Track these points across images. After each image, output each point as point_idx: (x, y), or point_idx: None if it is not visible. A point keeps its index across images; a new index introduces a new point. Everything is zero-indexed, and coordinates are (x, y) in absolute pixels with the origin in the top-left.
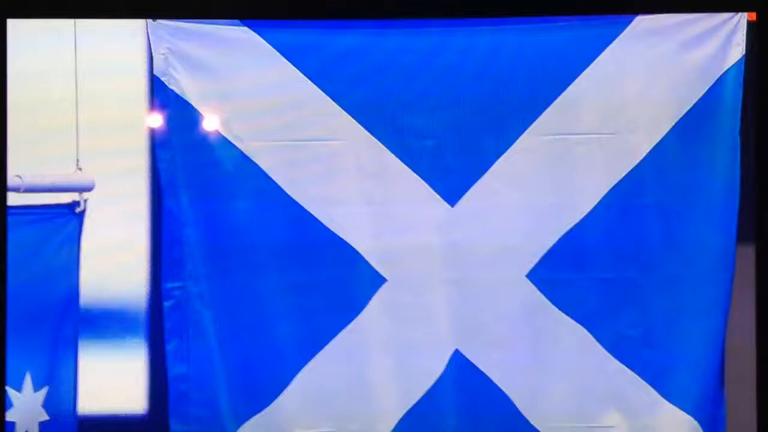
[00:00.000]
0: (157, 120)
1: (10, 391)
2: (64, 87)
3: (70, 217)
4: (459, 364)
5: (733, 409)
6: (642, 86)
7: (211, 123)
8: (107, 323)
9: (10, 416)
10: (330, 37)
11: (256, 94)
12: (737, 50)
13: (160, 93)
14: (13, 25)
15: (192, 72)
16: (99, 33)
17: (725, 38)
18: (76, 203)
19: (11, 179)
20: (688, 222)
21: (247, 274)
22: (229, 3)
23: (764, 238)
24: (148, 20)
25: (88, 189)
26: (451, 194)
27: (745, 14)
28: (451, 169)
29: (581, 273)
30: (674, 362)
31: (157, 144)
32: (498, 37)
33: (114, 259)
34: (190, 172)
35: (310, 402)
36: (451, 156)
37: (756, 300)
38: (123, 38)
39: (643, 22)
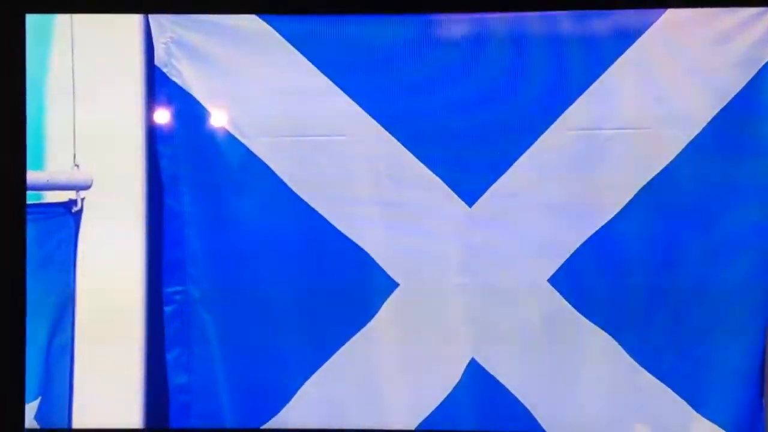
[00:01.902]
0: (158, 114)
1: None
2: (61, 80)
3: (67, 216)
4: (475, 374)
5: None
6: (677, 78)
7: (215, 117)
8: (104, 330)
9: None
10: (344, 27)
11: (263, 87)
12: None
13: (161, 85)
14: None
15: (195, 62)
16: (97, 24)
17: (766, 28)
18: (73, 202)
19: None
20: (726, 223)
21: (251, 278)
22: None
23: None
24: None
25: (85, 187)
26: (469, 194)
27: None
28: (470, 167)
29: (608, 278)
30: (708, 374)
31: (159, 139)
32: (521, 28)
33: (112, 261)
34: (193, 169)
35: (317, 413)
36: (469, 153)
37: None
38: (122, 28)
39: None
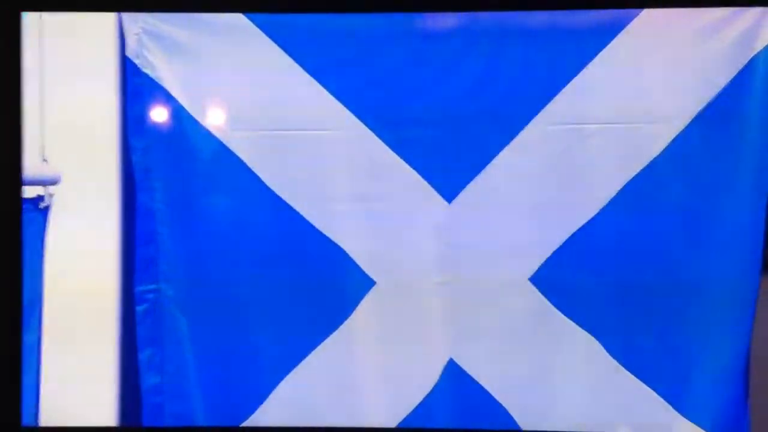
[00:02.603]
0: (129, 106)
1: None
2: (29, 70)
3: (34, 213)
4: (453, 375)
5: (759, 426)
6: (662, 72)
7: (188, 110)
8: (75, 330)
9: None
10: (321, 19)
11: (238, 80)
12: (767, 33)
13: (133, 77)
14: None
15: (168, 54)
16: (69, 15)
17: (754, 21)
18: (41, 198)
19: None
20: (710, 221)
21: (226, 277)
22: None
23: None
24: None
25: (54, 182)
26: (449, 189)
27: None
28: (449, 162)
29: (590, 276)
30: (692, 375)
31: (130, 133)
32: (501, 21)
33: (82, 259)
34: (166, 165)
35: (291, 414)
36: (448, 148)
37: None
38: (94, 18)
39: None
